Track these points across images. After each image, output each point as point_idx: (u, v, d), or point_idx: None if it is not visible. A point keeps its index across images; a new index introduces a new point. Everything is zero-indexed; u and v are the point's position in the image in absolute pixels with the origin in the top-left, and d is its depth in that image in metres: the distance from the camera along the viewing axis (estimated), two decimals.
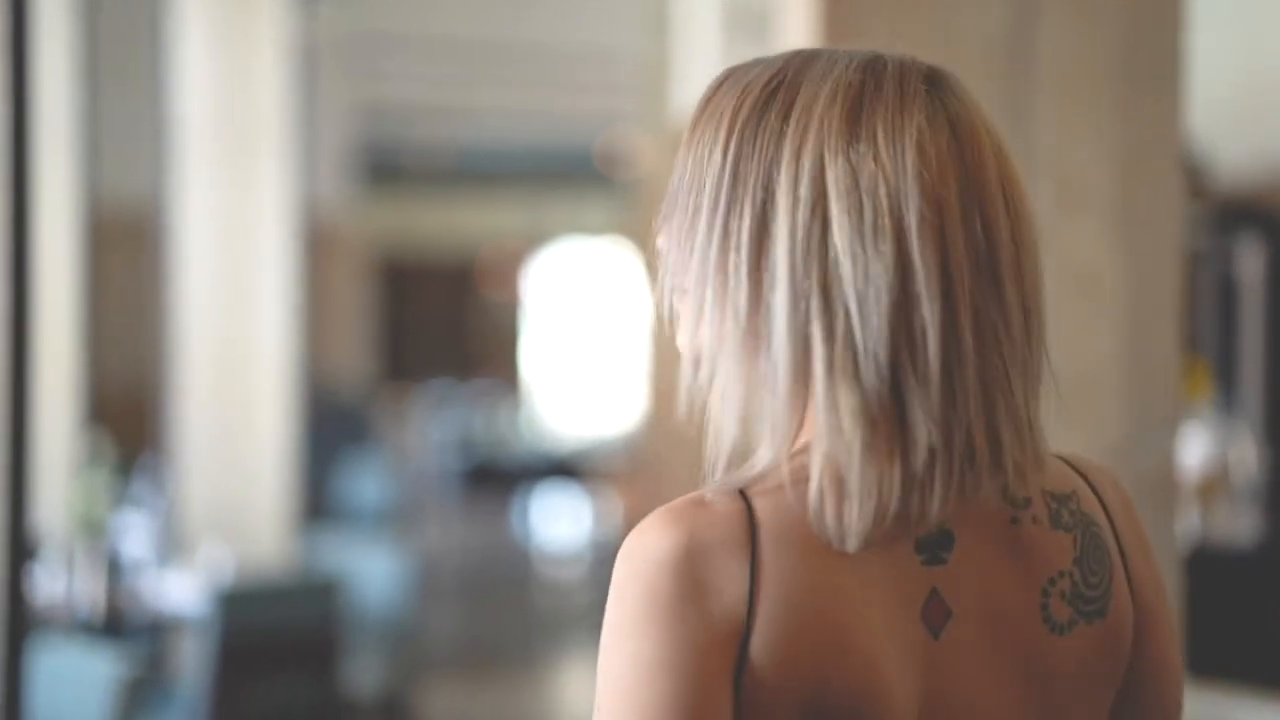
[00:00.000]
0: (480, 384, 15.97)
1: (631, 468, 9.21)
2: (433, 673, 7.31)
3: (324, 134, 11.50)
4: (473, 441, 11.94)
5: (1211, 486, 4.43)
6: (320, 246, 10.59)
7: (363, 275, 13.23)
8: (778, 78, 1.17)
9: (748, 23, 5.94)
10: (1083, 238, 2.48)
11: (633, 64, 9.64)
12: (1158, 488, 2.52)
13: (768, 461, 1.13)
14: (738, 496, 1.12)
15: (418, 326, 17.17)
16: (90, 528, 5.07)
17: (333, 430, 9.67)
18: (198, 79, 6.27)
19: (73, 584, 4.81)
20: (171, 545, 5.53)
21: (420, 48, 11.30)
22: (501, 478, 11.67)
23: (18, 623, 2.47)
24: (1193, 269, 4.97)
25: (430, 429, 12.58)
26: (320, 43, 10.45)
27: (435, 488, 11.56)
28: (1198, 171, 4.96)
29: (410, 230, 17.10)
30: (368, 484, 9.01)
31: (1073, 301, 2.49)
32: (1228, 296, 5.61)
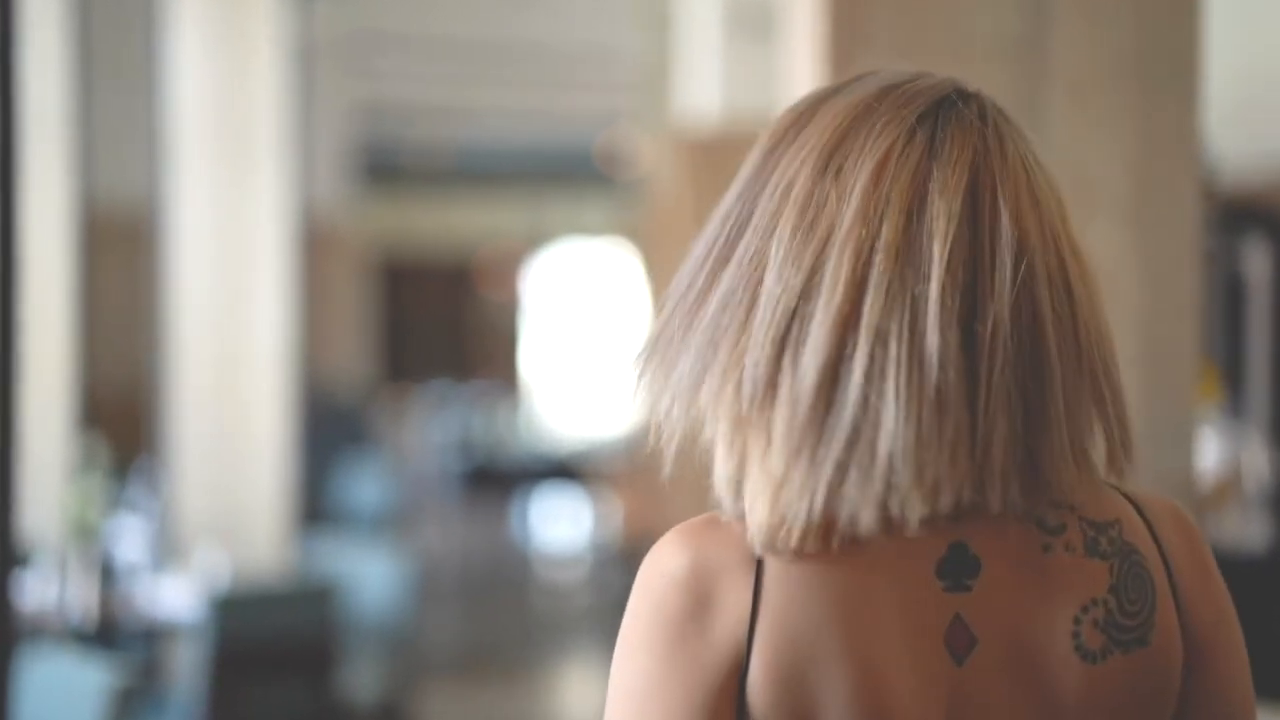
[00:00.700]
0: (479, 385, 15.93)
1: (631, 469, 9.17)
2: (431, 677, 7.26)
3: (322, 134, 11.46)
4: (471, 443, 11.90)
5: (1223, 491, 4.38)
6: (318, 247, 10.55)
7: (361, 276, 13.19)
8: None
9: (749, 22, 5.90)
10: (1098, 239, 2.44)
11: (633, 63, 9.60)
12: (1177, 491, 2.48)
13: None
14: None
15: (416, 327, 17.14)
16: (84, 532, 5.03)
17: (330, 432, 9.63)
18: (193, 78, 6.22)
19: (66, 590, 4.77)
20: (166, 550, 5.50)
21: (419, 47, 11.26)
22: (500, 479, 11.64)
23: (5, 632, 2.42)
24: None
25: (429, 430, 12.54)
26: (318, 41, 10.40)
27: (434, 490, 11.52)
28: (1207, 171, 4.91)
29: (409, 230, 17.07)
30: (366, 486, 8.98)
31: None
32: (1233, 298, 5.57)
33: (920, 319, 1.10)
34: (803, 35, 2.60)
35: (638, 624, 1.12)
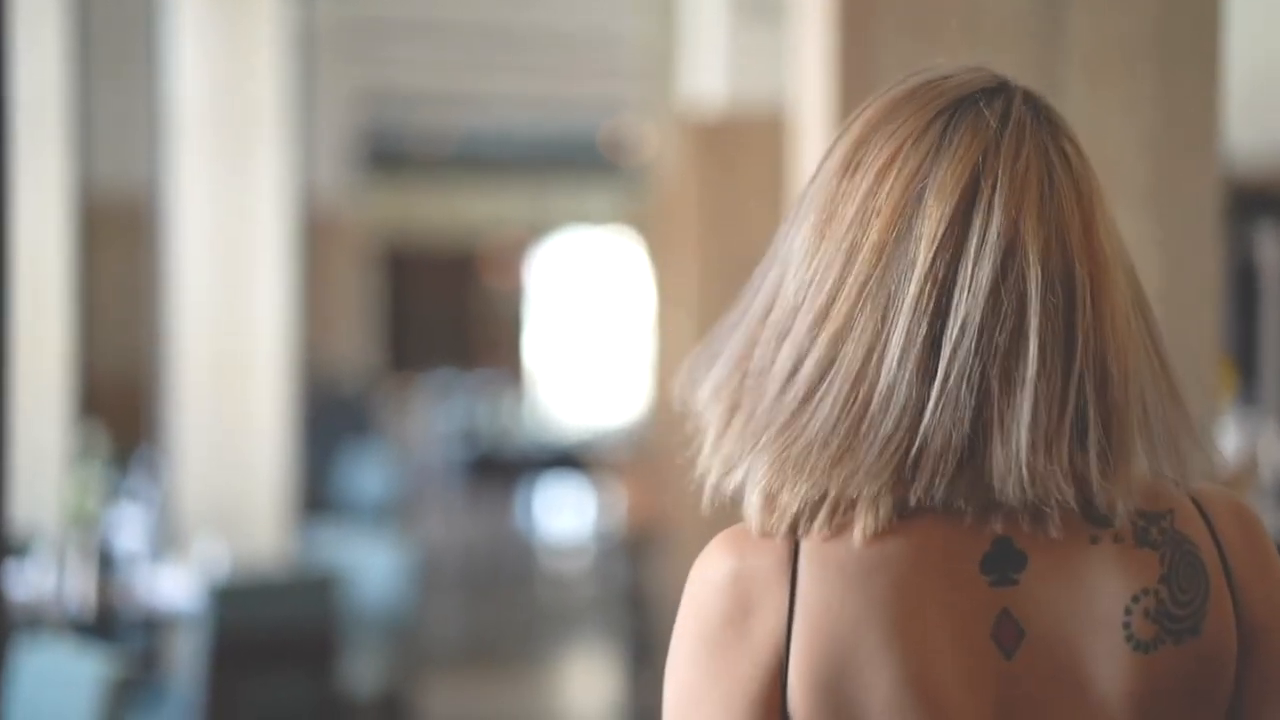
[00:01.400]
0: (483, 374, 15.88)
1: (636, 458, 9.12)
2: (433, 668, 7.22)
3: (324, 121, 11.40)
4: (475, 432, 11.85)
5: (1238, 480, 4.33)
6: (320, 235, 10.51)
7: (363, 264, 13.14)
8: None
9: (755, 6, 5.84)
10: (1116, 220, 2.38)
11: (637, 49, 9.53)
12: (1199, 480, 2.42)
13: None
14: None
15: (419, 316, 17.10)
16: (82, 522, 5.00)
17: (332, 421, 9.60)
18: (193, 64, 6.17)
19: (64, 579, 4.74)
20: (166, 540, 5.48)
21: (422, 32, 11.20)
22: (504, 469, 11.60)
23: None
24: None
25: (432, 419, 12.50)
26: (319, 27, 10.34)
27: (437, 479, 11.49)
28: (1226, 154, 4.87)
29: (412, 218, 17.02)
30: (368, 476, 8.94)
31: None
32: (1246, 286, 5.54)
33: (889, 319, 1.12)
34: (812, 17, 2.55)
35: (684, 630, 1.15)
